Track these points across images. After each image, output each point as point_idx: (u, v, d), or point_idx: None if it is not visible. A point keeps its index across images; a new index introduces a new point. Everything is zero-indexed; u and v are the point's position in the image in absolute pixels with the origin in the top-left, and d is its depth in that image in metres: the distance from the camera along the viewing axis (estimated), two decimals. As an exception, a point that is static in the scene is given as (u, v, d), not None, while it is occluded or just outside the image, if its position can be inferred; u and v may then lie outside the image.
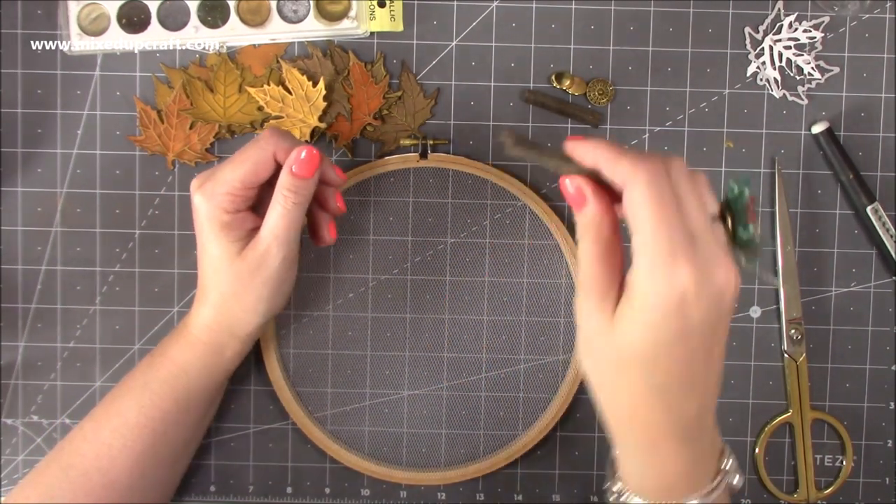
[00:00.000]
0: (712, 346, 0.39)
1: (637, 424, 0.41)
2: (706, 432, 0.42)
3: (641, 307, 0.38)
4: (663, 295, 0.37)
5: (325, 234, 0.53)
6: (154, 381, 0.51)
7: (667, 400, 0.40)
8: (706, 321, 0.38)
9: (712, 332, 0.39)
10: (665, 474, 0.42)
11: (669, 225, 0.37)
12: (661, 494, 0.42)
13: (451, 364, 0.59)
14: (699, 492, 0.42)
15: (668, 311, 0.37)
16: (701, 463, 0.42)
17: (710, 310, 0.38)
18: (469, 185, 0.58)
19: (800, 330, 0.59)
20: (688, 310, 0.37)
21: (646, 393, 0.40)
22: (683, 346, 0.38)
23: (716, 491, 0.42)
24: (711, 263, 0.38)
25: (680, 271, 0.37)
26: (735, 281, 0.38)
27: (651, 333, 0.38)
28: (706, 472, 0.42)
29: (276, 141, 0.49)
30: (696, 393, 0.40)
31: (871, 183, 0.58)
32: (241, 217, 0.49)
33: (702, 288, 0.37)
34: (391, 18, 0.57)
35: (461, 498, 0.59)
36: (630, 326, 0.38)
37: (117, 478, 0.50)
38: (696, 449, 0.42)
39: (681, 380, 0.39)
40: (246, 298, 0.50)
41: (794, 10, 0.58)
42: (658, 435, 0.41)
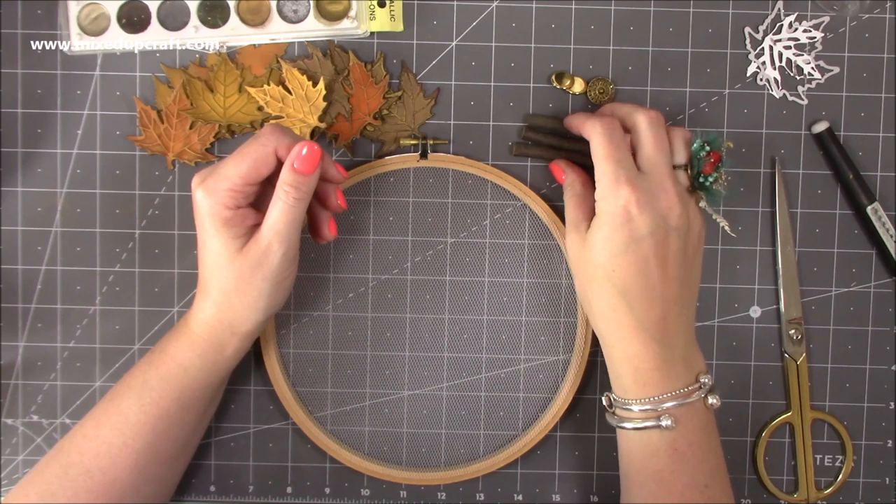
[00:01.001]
0: (665, 260, 0.49)
1: (610, 324, 0.50)
2: (674, 339, 0.49)
3: (599, 225, 0.49)
4: (611, 211, 0.49)
5: (326, 231, 0.53)
6: (154, 378, 0.51)
7: (628, 302, 0.49)
8: (652, 234, 0.48)
9: (662, 243, 0.49)
10: (639, 369, 0.49)
11: (615, 160, 0.49)
12: (640, 389, 0.49)
13: (451, 364, 0.59)
14: (674, 392, 0.49)
15: (616, 222, 0.48)
16: (672, 365, 0.49)
17: (654, 225, 0.48)
18: (469, 185, 0.58)
19: (800, 330, 0.59)
20: (633, 222, 0.48)
21: (612, 296, 0.49)
22: (634, 253, 0.48)
23: (692, 396, 0.49)
24: (655, 189, 0.49)
25: (622, 191, 0.48)
26: (679, 208, 0.49)
27: (607, 243, 0.49)
28: (679, 376, 0.49)
29: (277, 137, 0.49)
30: (656, 300, 0.49)
31: (871, 183, 0.58)
32: (242, 213, 0.49)
33: (644, 206, 0.48)
34: (391, 18, 0.57)
35: (461, 498, 0.59)
36: (593, 242, 0.50)
37: (118, 476, 0.50)
38: (665, 351, 0.49)
39: (638, 285, 0.49)
40: (247, 295, 0.50)
41: (794, 10, 0.58)
42: (627, 331, 0.49)
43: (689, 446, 0.49)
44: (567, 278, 0.58)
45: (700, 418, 0.50)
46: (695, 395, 0.49)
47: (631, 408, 0.50)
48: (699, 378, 0.50)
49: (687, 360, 0.50)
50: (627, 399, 0.50)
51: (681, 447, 0.49)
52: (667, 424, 0.48)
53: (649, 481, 0.49)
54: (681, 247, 0.50)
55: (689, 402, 0.49)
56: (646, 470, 0.49)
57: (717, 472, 0.50)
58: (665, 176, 0.50)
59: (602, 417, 0.59)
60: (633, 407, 0.50)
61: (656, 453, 0.49)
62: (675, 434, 0.49)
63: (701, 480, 0.49)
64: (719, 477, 0.50)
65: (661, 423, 0.49)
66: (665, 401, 0.49)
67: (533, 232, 0.58)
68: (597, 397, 0.59)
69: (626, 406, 0.50)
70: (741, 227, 0.59)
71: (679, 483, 0.48)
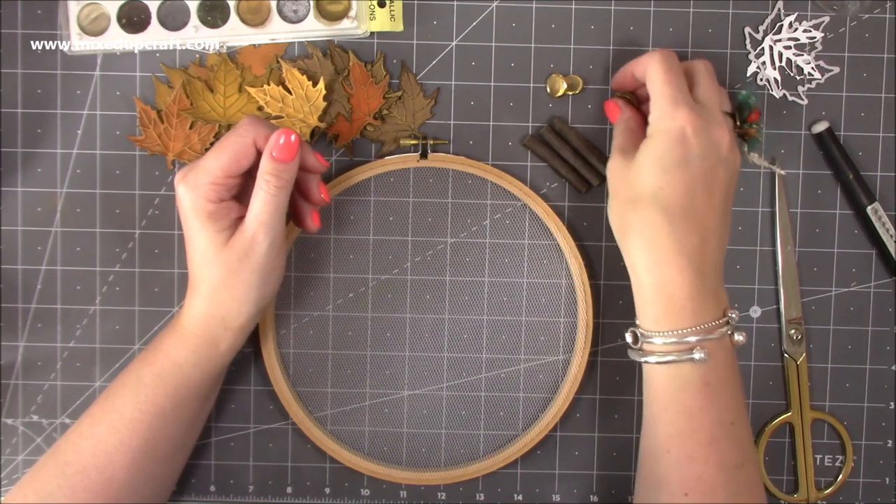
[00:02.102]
0: (712, 187, 0.49)
1: (648, 245, 0.49)
2: (709, 270, 0.49)
3: (653, 143, 0.49)
4: (668, 129, 0.48)
5: (309, 222, 0.54)
6: (149, 376, 0.51)
7: (671, 221, 0.48)
8: (704, 157, 0.48)
9: (711, 170, 0.49)
10: (673, 297, 0.48)
11: (674, 85, 0.49)
12: (669, 319, 0.48)
13: (451, 364, 0.59)
14: (706, 325, 0.48)
15: (671, 140, 0.48)
16: (705, 296, 0.48)
17: (707, 149, 0.49)
18: (469, 185, 0.58)
19: (800, 330, 0.59)
20: (688, 143, 0.48)
21: (655, 215, 0.48)
22: (685, 173, 0.48)
23: (718, 331, 0.48)
24: (710, 120, 0.49)
25: (680, 112, 0.48)
26: (729, 140, 0.49)
27: (658, 161, 0.48)
28: (710, 309, 0.49)
29: (254, 128, 0.49)
30: (698, 227, 0.48)
31: (871, 183, 0.58)
32: (226, 206, 0.50)
33: (699, 130, 0.48)
34: (391, 18, 0.57)
35: (461, 498, 0.59)
36: (642, 160, 0.49)
37: (115, 474, 0.50)
38: (700, 280, 0.48)
39: (683, 206, 0.48)
40: (236, 287, 0.50)
41: (794, 10, 0.58)
42: (665, 254, 0.48)
43: (719, 381, 0.48)
44: (567, 278, 0.58)
45: (728, 354, 0.49)
46: (725, 329, 0.49)
47: (661, 340, 0.48)
48: (727, 313, 0.49)
49: (717, 294, 0.49)
50: (658, 331, 0.49)
51: (712, 382, 0.48)
52: (700, 357, 0.47)
53: (677, 419, 0.48)
54: (727, 180, 0.50)
55: (719, 336, 0.48)
56: (674, 406, 0.48)
57: (743, 411, 0.49)
58: (718, 111, 0.50)
59: (602, 417, 0.59)
60: (663, 339, 0.48)
61: (686, 388, 0.48)
62: (707, 368, 0.48)
63: (728, 417, 0.48)
64: (744, 416, 0.49)
65: (695, 357, 0.48)
66: (697, 333, 0.48)
67: (533, 232, 0.58)
68: (597, 397, 0.59)
69: (655, 339, 0.49)
70: (741, 227, 0.59)
71: (707, 419, 0.48)
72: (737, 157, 0.50)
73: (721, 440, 0.48)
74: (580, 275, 0.58)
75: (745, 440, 0.49)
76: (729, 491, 0.47)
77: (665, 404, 0.49)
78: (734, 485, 0.47)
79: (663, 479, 0.49)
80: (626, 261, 0.51)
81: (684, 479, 0.48)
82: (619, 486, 0.59)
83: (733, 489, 0.47)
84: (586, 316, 0.57)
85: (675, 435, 0.48)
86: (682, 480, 0.48)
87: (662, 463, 0.49)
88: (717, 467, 0.47)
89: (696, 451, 0.48)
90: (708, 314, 0.48)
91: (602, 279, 0.59)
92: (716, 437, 0.48)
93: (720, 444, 0.48)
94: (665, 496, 0.48)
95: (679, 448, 0.48)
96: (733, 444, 0.48)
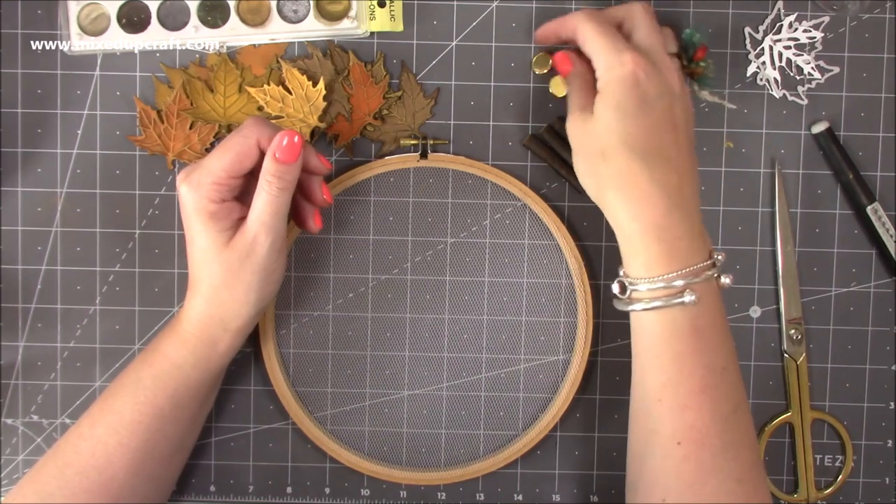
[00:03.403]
0: (675, 127, 0.48)
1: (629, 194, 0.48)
2: (692, 211, 0.48)
3: (608, 94, 0.48)
4: (619, 77, 0.47)
5: (311, 223, 0.54)
6: (148, 377, 0.51)
7: (649, 165, 0.47)
8: (661, 96, 0.48)
9: (670, 109, 0.48)
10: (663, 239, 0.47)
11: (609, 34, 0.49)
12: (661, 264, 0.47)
13: (451, 364, 0.59)
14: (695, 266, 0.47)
15: (625, 86, 0.47)
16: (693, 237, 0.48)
17: (661, 89, 0.48)
18: (469, 185, 0.58)
19: (800, 330, 0.59)
20: (642, 86, 0.47)
21: (630, 161, 0.47)
22: (647, 116, 0.47)
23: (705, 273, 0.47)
24: (657, 61, 0.48)
25: (626, 57, 0.47)
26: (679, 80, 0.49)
27: (619, 109, 0.47)
28: (699, 250, 0.48)
29: (258, 129, 0.49)
30: (672, 165, 0.48)
31: (871, 183, 0.58)
32: (228, 207, 0.50)
33: (650, 72, 0.47)
34: (391, 18, 0.57)
35: (461, 498, 0.59)
36: (603, 113, 0.48)
37: (114, 475, 0.50)
38: (687, 221, 0.47)
39: (654, 147, 0.47)
40: (236, 288, 0.50)
41: (794, 10, 0.58)
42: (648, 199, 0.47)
43: (708, 326, 0.47)
44: (567, 278, 0.58)
45: (716, 298, 0.48)
46: (712, 272, 0.48)
47: (649, 286, 0.48)
48: (713, 255, 0.49)
49: (703, 236, 0.49)
50: (646, 277, 0.48)
51: (702, 325, 0.47)
52: (690, 300, 0.47)
53: (668, 366, 0.47)
54: (685, 118, 0.49)
55: (706, 279, 0.47)
56: (665, 354, 0.48)
57: (733, 356, 0.48)
58: (663, 53, 0.49)
59: (602, 417, 0.59)
60: (651, 285, 0.47)
61: (677, 333, 0.47)
62: (697, 312, 0.47)
63: (719, 363, 0.48)
64: (734, 361, 0.48)
65: (685, 299, 0.47)
66: (685, 276, 0.47)
67: (533, 232, 0.58)
68: (597, 397, 0.59)
69: (642, 285, 0.48)
70: (741, 227, 0.59)
71: (699, 365, 0.47)
72: (688, 96, 0.50)
73: (714, 387, 0.47)
74: (580, 275, 0.58)
75: (737, 386, 0.48)
76: (723, 438, 0.47)
77: (655, 352, 0.48)
78: (728, 432, 0.47)
79: (655, 431, 0.48)
80: (607, 216, 0.50)
81: (677, 429, 0.47)
82: (619, 486, 0.59)
83: (727, 436, 0.47)
84: (586, 316, 0.57)
85: (666, 383, 0.48)
86: (675, 430, 0.47)
87: (654, 414, 0.48)
88: (710, 414, 0.47)
89: (689, 399, 0.47)
90: (697, 255, 0.48)
91: (602, 279, 0.59)
92: (708, 384, 0.47)
93: (713, 391, 0.47)
94: (657, 447, 0.48)
95: (672, 397, 0.47)
96: (726, 390, 0.47)
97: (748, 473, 0.47)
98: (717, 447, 0.47)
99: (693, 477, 0.47)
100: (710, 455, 0.47)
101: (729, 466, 0.47)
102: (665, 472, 0.48)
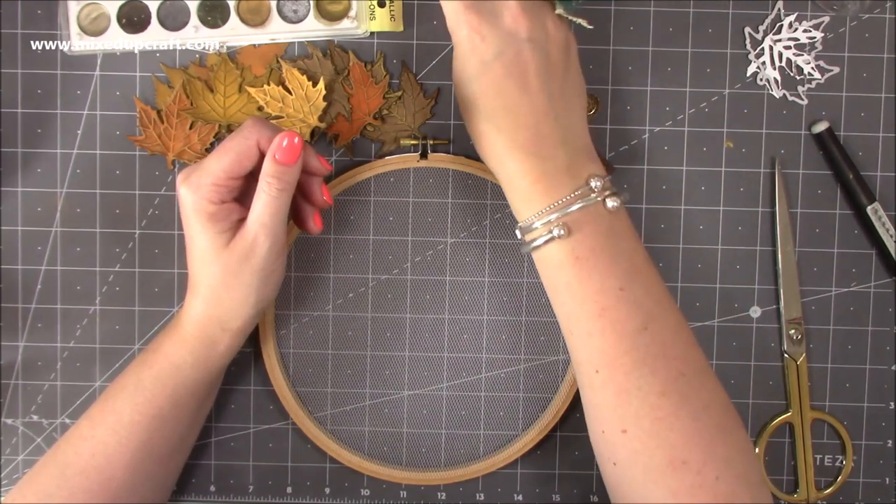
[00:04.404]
0: (525, 75, 0.48)
1: (487, 150, 0.50)
2: (553, 151, 0.48)
3: (455, 58, 0.49)
4: (457, 42, 0.48)
5: (311, 224, 0.54)
6: (147, 377, 0.51)
7: (495, 124, 0.48)
8: (501, 52, 0.47)
9: (515, 60, 0.48)
10: (521, 186, 0.48)
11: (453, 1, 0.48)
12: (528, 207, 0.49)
13: (451, 364, 0.59)
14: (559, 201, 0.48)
15: (463, 51, 0.48)
16: (554, 175, 0.48)
17: (502, 43, 0.47)
18: (469, 185, 0.58)
19: (800, 330, 0.59)
20: (479, 46, 0.48)
21: (479, 122, 0.49)
22: (486, 76, 0.48)
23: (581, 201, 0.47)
24: (497, 9, 0.48)
25: (461, 18, 0.48)
26: (526, 21, 0.48)
27: (463, 74, 0.49)
28: (564, 184, 0.48)
29: (258, 130, 0.49)
30: (522, 116, 0.48)
31: (871, 183, 0.58)
32: (227, 208, 0.49)
33: (486, 27, 0.47)
34: (391, 18, 0.57)
35: (461, 498, 0.59)
36: (455, 79, 0.50)
37: (114, 475, 0.50)
38: (544, 163, 0.48)
39: (499, 106, 0.48)
40: (235, 290, 0.50)
41: (794, 10, 0.58)
42: (501, 152, 0.49)
43: (590, 252, 0.47)
44: (567, 278, 0.58)
45: (601, 223, 0.48)
46: (585, 200, 0.47)
47: (529, 228, 0.48)
48: (589, 182, 0.48)
49: (573, 169, 0.48)
50: (524, 221, 0.49)
51: (582, 254, 0.47)
52: (558, 234, 0.47)
53: (564, 298, 0.48)
54: (541, 58, 0.48)
55: (580, 207, 0.47)
56: (559, 287, 0.48)
57: (635, 273, 0.48)
58: None
59: (602, 417, 0.59)
60: (529, 226, 0.48)
61: (561, 266, 0.48)
62: (573, 242, 0.47)
63: (614, 284, 0.47)
64: (639, 279, 0.48)
65: (553, 234, 0.47)
66: (552, 211, 0.47)
67: (533, 232, 0.58)
68: (597, 397, 0.59)
69: (525, 229, 0.49)
70: (741, 227, 0.59)
71: (590, 290, 0.47)
72: (553, 29, 0.49)
73: (612, 308, 0.47)
74: (580, 275, 0.57)
75: (645, 300, 0.47)
76: (635, 356, 0.46)
77: (552, 289, 0.49)
78: (638, 348, 0.46)
79: (578, 362, 0.49)
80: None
81: (591, 357, 0.47)
82: (619, 486, 0.59)
83: (638, 353, 0.46)
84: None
85: (569, 315, 0.48)
86: (590, 358, 0.47)
87: (572, 347, 0.49)
88: (614, 336, 0.47)
89: (590, 325, 0.47)
90: (563, 189, 0.48)
91: (602, 279, 0.59)
92: (605, 307, 0.47)
93: (611, 312, 0.47)
94: (584, 377, 0.48)
95: (577, 327, 0.48)
96: (628, 308, 0.47)
97: (672, 385, 0.46)
98: (628, 366, 0.46)
99: (615, 400, 0.47)
100: (624, 375, 0.46)
101: (647, 382, 0.46)
102: (594, 402, 0.48)
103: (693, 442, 0.45)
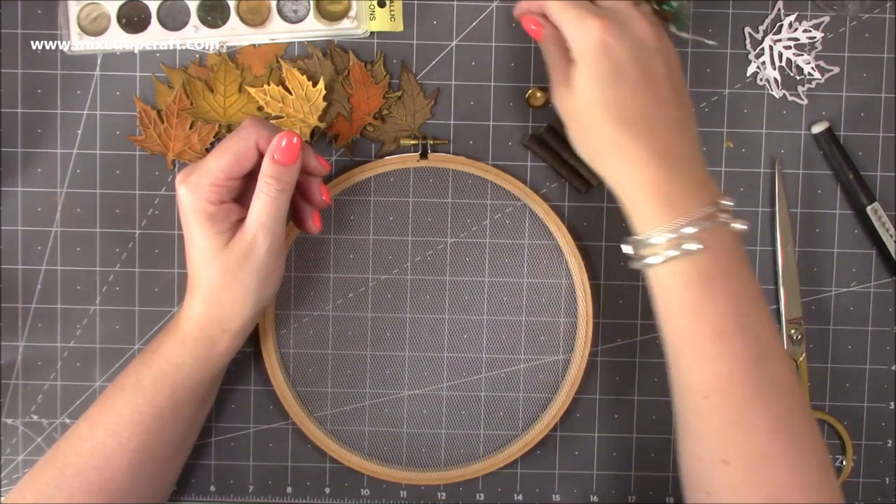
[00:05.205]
0: (656, 83, 0.48)
1: (619, 158, 0.48)
2: (686, 162, 0.48)
3: (581, 65, 0.48)
4: (588, 47, 0.48)
5: (310, 224, 0.54)
6: (147, 378, 0.51)
7: (632, 128, 0.47)
8: (634, 58, 0.47)
9: (646, 68, 0.48)
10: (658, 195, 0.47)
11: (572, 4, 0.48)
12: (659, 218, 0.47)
13: (451, 364, 0.59)
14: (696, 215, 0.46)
15: (596, 56, 0.47)
16: (690, 186, 0.47)
17: (633, 49, 0.47)
18: (469, 185, 0.58)
19: (800, 330, 0.59)
20: (612, 50, 0.47)
21: (613, 128, 0.47)
22: (622, 80, 0.47)
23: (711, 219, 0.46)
24: (626, 20, 0.48)
25: (590, 24, 0.47)
26: (652, 31, 0.48)
27: (594, 79, 0.47)
28: (700, 197, 0.47)
29: (257, 130, 0.49)
30: (657, 123, 0.48)
31: (871, 183, 0.58)
32: (226, 208, 0.49)
33: (619, 35, 0.47)
34: (391, 18, 0.57)
35: (461, 498, 0.59)
36: (579, 84, 0.48)
37: (113, 475, 0.50)
38: (681, 173, 0.47)
39: (636, 111, 0.47)
40: (234, 290, 0.50)
41: (794, 10, 0.58)
42: (638, 159, 0.47)
43: (722, 272, 0.46)
44: (567, 278, 0.58)
45: (729, 244, 0.47)
46: (719, 218, 0.46)
47: (656, 240, 0.47)
48: (719, 201, 0.47)
49: (703, 184, 0.48)
50: (651, 232, 0.47)
51: (714, 273, 0.46)
52: (694, 248, 0.46)
53: (684, 320, 0.46)
54: (665, 69, 0.48)
55: (713, 224, 0.46)
56: (678, 306, 0.47)
57: (756, 301, 0.47)
58: (629, 8, 0.49)
59: (602, 417, 0.59)
60: (657, 238, 0.46)
61: (687, 283, 0.46)
62: (707, 259, 0.46)
63: (739, 310, 0.46)
64: (759, 307, 0.46)
65: (687, 247, 0.46)
66: (688, 224, 0.46)
67: (533, 232, 0.58)
68: (597, 397, 0.59)
69: (650, 241, 0.47)
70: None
71: (713, 313, 0.45)
72: (667, 43, 0.49)
73: (732, 333, 0.45)
74: (580, 275, 0.58)
75: (763, 333, 0.46)
76: (749, 387, 0.45)
77: (670, 306, 0.47)
78: (754, 379, 0.45)
79: (684, 387, 0.47)
80: (604, 180, 0.50)
81: (702, 382, 0.46)
82: (619, 486, 0.59)
83: (753, 384, 0.45)
84: (586, 316, 0.57)
85: (684, 336, 0.46)
86: (700, 383, 0.46)
87: (681, 369, 0.47)
88: (732, 363, 0.45)
89: (707, 349, 0.45)
90: (696, 202, 0.47)
91: (602, 279, 0.59)
92: (725, 331, 0.45)
93: (731, 339, 0.45)
94: (689, 402, 0.47)
95: (691, 349, 0.46)
96: (747, 336, 0.46)
97: (783, 423, 0.45)
98: (742, 397, 0.45)
99: (721, 429, 0.45)
100: (737, 406, 0.45)
101: (760, 416, 0.45)
102: (695, 428, 0.47)
103: (797, 485, 0.44)
